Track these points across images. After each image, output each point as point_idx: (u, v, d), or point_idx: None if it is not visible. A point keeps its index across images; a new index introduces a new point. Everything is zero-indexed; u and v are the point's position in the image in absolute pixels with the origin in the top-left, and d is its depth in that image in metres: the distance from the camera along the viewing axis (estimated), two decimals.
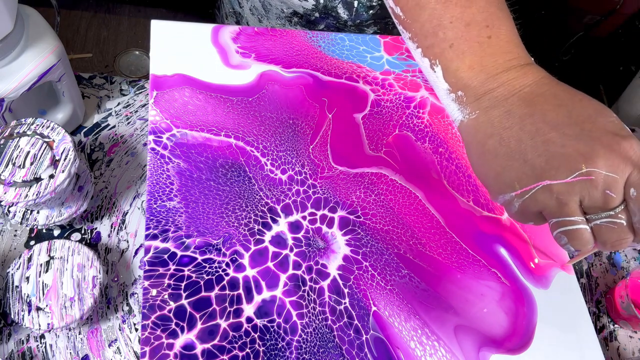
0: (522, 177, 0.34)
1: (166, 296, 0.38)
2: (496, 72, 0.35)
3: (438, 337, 0.41)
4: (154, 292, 0.38)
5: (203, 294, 0.38)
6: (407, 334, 0.40)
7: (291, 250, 0.42)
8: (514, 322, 0.43)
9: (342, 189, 0.46)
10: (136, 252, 0.50)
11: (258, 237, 0.42)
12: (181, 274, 0.39)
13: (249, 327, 0.38)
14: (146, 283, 0.38)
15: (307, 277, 0.41)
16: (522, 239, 0.48)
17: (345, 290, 0.41)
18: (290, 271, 0.41)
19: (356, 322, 0.40)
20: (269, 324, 0.38)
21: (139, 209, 0.52)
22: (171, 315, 0.37)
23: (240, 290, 0.39)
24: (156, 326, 0.36)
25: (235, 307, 0.38)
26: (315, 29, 0.68)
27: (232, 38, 0.52)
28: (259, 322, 0.38)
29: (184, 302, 0.38)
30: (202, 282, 0.39)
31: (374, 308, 0.41)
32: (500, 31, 0.36)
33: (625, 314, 0.58)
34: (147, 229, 0.40)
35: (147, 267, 0.38)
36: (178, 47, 0.49)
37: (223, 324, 0.38)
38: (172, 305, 0.37)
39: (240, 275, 0.40)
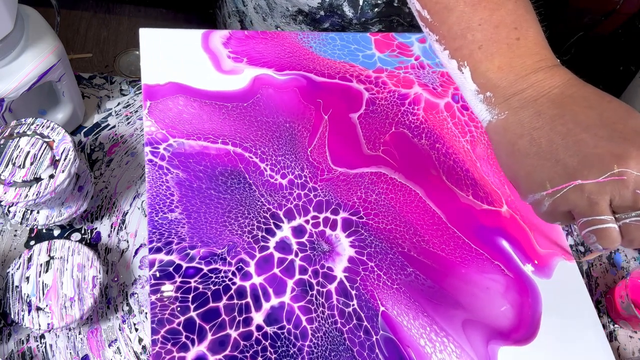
0: (553, 177, 0.34)
1: (176, 309, 0.37)
2: (525, 74, 0.36)
3: (447, 333, 0.41)
4: (168, 288, 0.37)
5: (211, 304, 0.38)
6: (416, 332, 0.41)
7: (296, 255, 0.42)
8: (520, 314, 0.44)
9: (342, 191, 0.46)
10: (136, 252, 0.50)
11: (262, 243, 0.42)
12: (188, 285, 0.38)
13: (259, 335, 0.38)
14: (153, 297, 0.37)
15: (314, 281, 0.41)
16: (523, 230, 0.48)
17: (353, 292, 0.41)
18: (297, 276, 0.41)
19: (365, 323, 0.40)
20: (279, 331, 0.38)
21: (139, 209, 0.52)
22: (180, 328, 0.37)
23: (248, 299, 0.39)
24: (166, 340, 0.36)
25: (244, 316, 0.38)
26: (320, 27, 0.68)
27: (223, 43, 0.51)
28: (269, 329, 0.38)
29: (193, 314, 0.38)
30: (209, 293, 0.39)
31: (382, 308, 0.41)
32: (528, 33, 0.37)
33: (625, 314, 0.58)
34: (150, 242, 0.40)
35: (153, 282, 0.38)
36: (169, 55, 0.49)
37: (233, 333, 0.37)
38: (181, 318, 0.37)
39: (247, 284, 0.40)
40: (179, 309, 0.37)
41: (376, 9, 0.64)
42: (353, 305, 0.41)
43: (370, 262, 0.43)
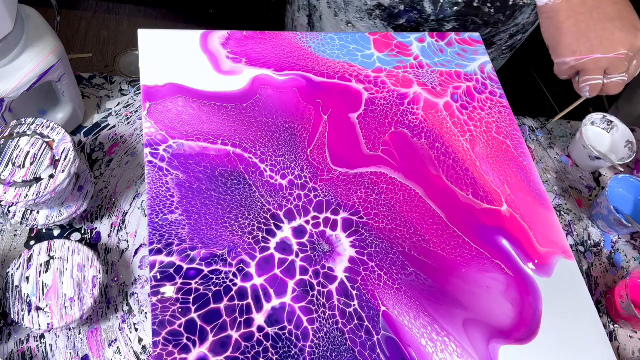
0: (582, 49, 0.53)
1: (177, 310, 0.37)
2: None
3: (448, 333, 0.41)
4: (169, 290, 0.37)
5: (212, 306, 0.38)
6: (417, 332, 0.41)
7: (297, 255, 0.42)
8: (521, 312, 0.44)
9: (343, 191, 0.46)
10: (136, 252, 0.50)
11: (263, 244, 0.42)
12: (189, 287, 0.38)
13: (260, 336, 0.38)
14: (154, 299, 0.37)
15: (314, 282, 0.41)
16: (523, 229, 0.48)
17: (354, 292, 0.41)
18: (298, 277, 0.41)
19: (366, 323, 0.40)
20: (280, 332, 0.38)
21: (139, 209, 0.52)
22: (182, 330, 0.37)
23: (250, 300, 0.39)
24: (167, 342, 0.36)
25: (245, 317, 0.38)
26: (395, 23, 0.68)
27: (222, 44, 0.51)
28: (270, 330, 0.38)
29: (194, 315, 0.37)
30: (210, 294, 0.38)
31: (383, 308, 0.41)
32: None
33: (625, 314, 0.58)
34: (151, 243, 0.39)
35: (154, 283, 0.38)
36: (168, 56, 0.49)
37: (234, 335, 0.37)
38: (182, 319, 0.37)
39: (248, 285, 0.40)
40: (180, 310, 0.37)
41: (455, 7, 0.65)
42: (354, 305, 0.41)
43: (371, 262, 0.43)
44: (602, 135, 0.81)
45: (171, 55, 0.49)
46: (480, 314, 0.43)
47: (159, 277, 0.38)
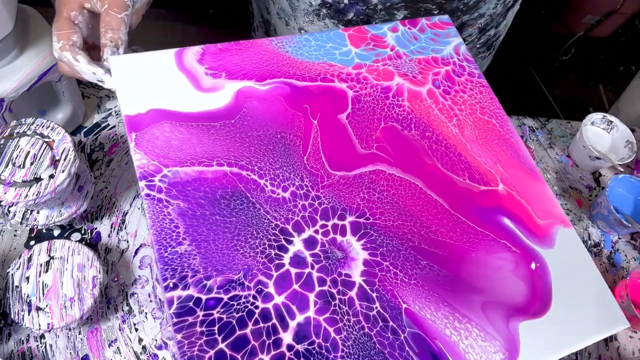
0: None
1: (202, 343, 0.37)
2: None
3: (469, 319, 0.42)
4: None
5: (238, 332, 0.38)
6: (440, 323, 0.41)
7: (312, 267, 0.42)
8: (532, 287, 0.45)
9: (345, 194, 0.46)
10: (136, 252, 0.50)
11: (277, 261, 0.41)
12: (211, 318, 0.38)
13: (291, 355, 0.38)
14: (179, 336, 0.37)
15: (334, 291, 0.41)
16: (521, 205, 0.50)
17: (374, 295, 0.42)
18: (317, 288, 0.41)
19: (391, 323, 0.41)
20: (310, 347, 0.38)
21: (139, 209, 0.52)
22: None
23: (274, 320, 0.39)
24: None
25: (273, 338, 0.38)
26: (345, 19, 0.67)
27: (198, 60, 0.50)
28: (299, 347, 0.38)
29: (222, 345, 0.37)
30: (234, 321, 0.38)
31: (404, 305, 0.42)
32: None
33: (625, 314, 0.60)
34: (164, 279, 0.38)
35: (175, 320, 0.37)
36: (144, 80, 0.47)
37: (266, 358, 0.37)
38: (211, 352, 0.36)
39: (269, 305, 0.39)
40: (207, 343, 0.37)
41: None
42: (376, 307, 0.41)
43: (384, 262, 0.43)
44: (602, 135, 0.81)
45: (148, 79, 0.47)
46: (495, 295, 0.44)
47: (179, 313, 0.37)
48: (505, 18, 0.76)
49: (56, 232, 0.51)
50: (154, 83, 0.47)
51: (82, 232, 0.51)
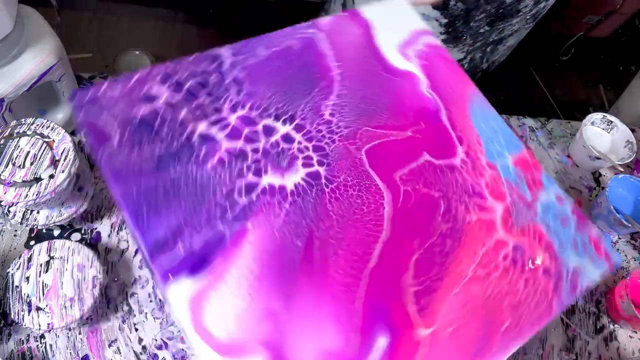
0: None
1: None
2: None
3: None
4: None
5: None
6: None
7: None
8: None
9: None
10: (136, 252, 0.50)
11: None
12: None
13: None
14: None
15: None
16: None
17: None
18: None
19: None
20: None
21: None
22: None
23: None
24: None
25: None
26: None
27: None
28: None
29: None
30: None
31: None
32: None
33: (625, 314, 0.59)
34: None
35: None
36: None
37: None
38: None
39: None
40: None
41: None
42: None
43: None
44: (602, 135, 0.81)
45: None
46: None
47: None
48: None
49: (56, 232, 0.51)
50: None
51: (82, 232, 0.52)
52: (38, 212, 0.48)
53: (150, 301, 0.51)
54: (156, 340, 0.49)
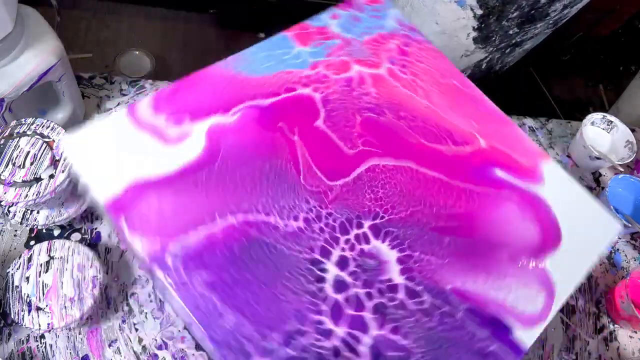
0: None
1: None
2: None
3: (506, 274, 0.44)
4: None
5: None
6: (485, 288, 0.43)
7: (355, 286, 0.41)
8: (542, 225, 0.48)
9: (353, 201, 0.45)
10: None
11: (321, 294, 0.40)
12: None
13: None
14: None
15: (384, 301, 0.41)
16: (505, 153, 0.52)
17: (419, 288, 0.42)
18: (369, 304, 0.41)
19: (445, 308, 0.42)
20: None
21: None
22: None
23: (348, 353, 0.38)
24: None
25: None
26: None
27: (153, 109, 0.45)
28: None
29: None
30: None
31: (449, 286, 0.43)
32: None
33: (625, 314, 0.59)
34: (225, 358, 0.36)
35: None
36: (107, 156, 0.41)
37: None
38: None
39: (337, 341, 0.38)
40: None
41: None
42: (427, 300, 0.42)
43: (415, 253, 0.44)
44: (602, 135, 0.81)
45: (110, 153, 0.41)
46: (516, 244, 0.46)
47: None
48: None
49: (56, 232, 0.51)
50: (118, 155, 0.42)
51: (82, 232, 0.51)
52: (38, 212, 0.48)
53: (150, 301, 0.50)
54: (156, 340, 0.49)
